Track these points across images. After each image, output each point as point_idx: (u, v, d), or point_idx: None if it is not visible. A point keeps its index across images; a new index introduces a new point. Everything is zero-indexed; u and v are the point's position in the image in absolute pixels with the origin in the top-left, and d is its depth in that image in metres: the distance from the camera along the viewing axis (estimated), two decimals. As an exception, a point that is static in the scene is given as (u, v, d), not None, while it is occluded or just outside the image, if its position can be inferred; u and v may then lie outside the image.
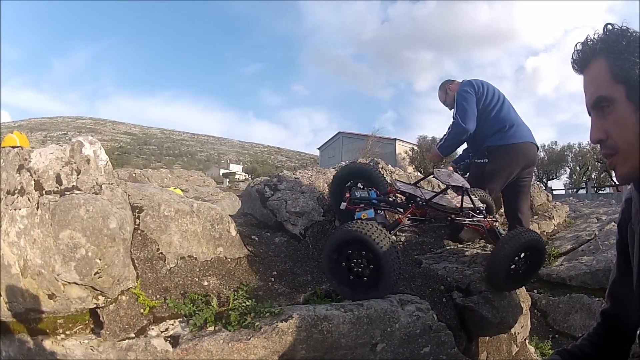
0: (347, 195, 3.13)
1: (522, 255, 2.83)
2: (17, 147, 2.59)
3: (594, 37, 1.47)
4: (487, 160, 4.81)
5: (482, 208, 3.12)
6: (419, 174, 4.74)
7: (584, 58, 1.49)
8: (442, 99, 5.60)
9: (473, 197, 3.14)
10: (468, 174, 5.51)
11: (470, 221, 3.10)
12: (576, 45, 1.50)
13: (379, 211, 3.03)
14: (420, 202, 2.97)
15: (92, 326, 2.36)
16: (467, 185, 3.10)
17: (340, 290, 2.70)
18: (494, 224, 3.13)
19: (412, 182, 3.33)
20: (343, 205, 3.05)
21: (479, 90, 5.02)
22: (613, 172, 1.57)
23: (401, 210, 3.03)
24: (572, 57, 1.52)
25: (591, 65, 1.48)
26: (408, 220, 3.01)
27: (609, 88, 1.42)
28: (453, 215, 3.04)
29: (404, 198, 3.12)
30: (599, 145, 1.52)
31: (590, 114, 1.53)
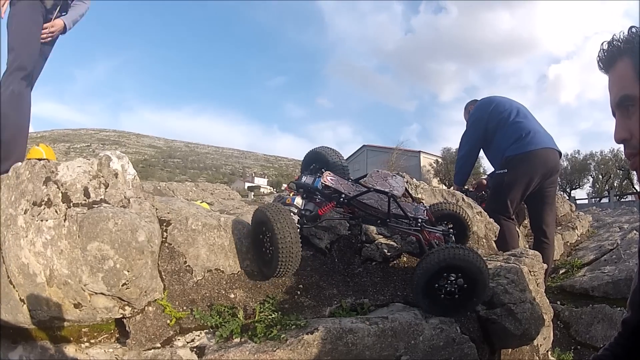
0: (296, 178, 3.16)
1: (452, 276, 2.60)
2: (44, 159, 2.62)
3: (620, 37, 1.47)
4: (506, 171, 4.84)
5: (422, 219, 3.02)
6: (444, 186, 4.76)
7: (610, 57, 1.49)
8: (466, 118, 5.76)
9: (406, 204, 3.06)
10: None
11: (402, 228, 3.03)
12: (602, 44, 1.50)
13: (314, 200, 3.00)
14: (342, 200, 2.93)
15: (117, 335, 2.40)
16: (397, 192, 2.97)
17: (258, 266, 2.80)
18: (448, 236, 3.03)
19: (353, 178, 3.24)
20: (283, 186, 3.07)
21: (489, 109, 5.16)
22: (636, 173, 1.57)
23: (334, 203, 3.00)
24: (598, 56, 1.52)
25: (617, 65, 1.48)
26: (333, 213, 3.00)
27: (634, 87, 1.42)
28: (381, 220, 2.96)
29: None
30: (622, 146, 1.52)
31: (614, 114, 1.53)
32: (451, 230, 3.11)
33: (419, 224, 3.00)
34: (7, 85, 3.49)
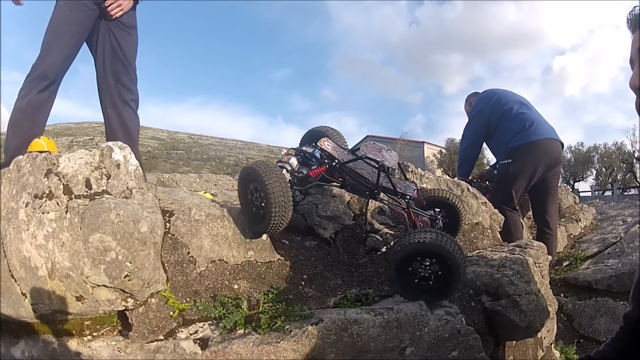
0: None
1: (427, 260, 2.52)
2: (45, 152, 2.61)
3: None
4: (510, 161, 4.89)
5: (410, 196, 2.99)
6: (448, 177, 4.75)
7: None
8: (466, 111, 5.83)
9: (397, 181, 3.06)
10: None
11: (387, 203, 3.02)
12: (635, 7, 1.54)
13: (309, 166, 3.00)
14: (334, 165, 2.94)
15: (120, 328, 2.39)
16: (389, 164, 2.92)
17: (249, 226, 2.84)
18: (435, 221, 2.98)
19: (348, 149, 3.22)
20: (283, 151, 3.07)
21: (491, 101, 5.26)
22: None
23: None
24: (628, 15, 1.56)
25: None
26: (321, 179, 2.99)
27: None
28: (369, 191, 2.96)
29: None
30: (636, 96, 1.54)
31: (632, 66, 1.55)
32: (439, 216, 3.06)
33: (406, 201, 2.96)
34: (26, 92, 3.46)
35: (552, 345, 3.48)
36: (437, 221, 2.99)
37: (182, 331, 2.32)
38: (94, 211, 2.20)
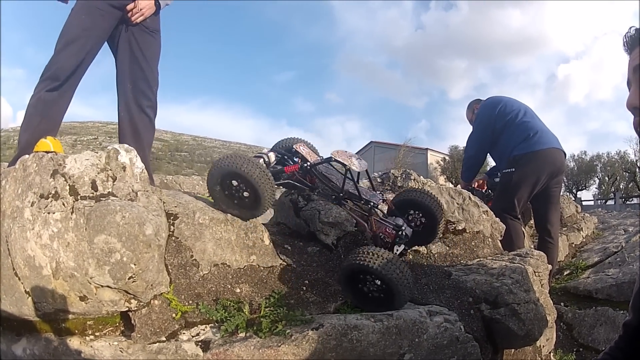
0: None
1: (372, 279, 2.58)
2: (51, 152, 2.62)
3: None
4: (514, 170, 4.88)
5: (375, 203, 2.95)
6: (451, 184, 4.76)
7: (636, 40, 1.55)
8: (469, 117, 5.83)
9: (363, 188, 3.07)
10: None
11: (351, 208, 3.01)
12: (631, 27, 1.57)
13: (284, 162, 3.11)
14: (305, 166, 2.96)
15: (122, 329, 2.40)
16: (355, 168, 2.83)
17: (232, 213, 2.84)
18: (400, 232, 2.86)
19: (322, 157, 3.15)
20: (264, 149, 3.14)
21: (496, 109, 5.21)
22: None
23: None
24: (625, 37, 1.58)
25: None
26: (294, 178, 3.03)
27: None
28: (335, 196, 2.97)
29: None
30: (633, 116, 1.55)
31: (629, 87, 1.56)
32: (404, 227, 2.89)
33: (369, 208, 2.95)
34: (38, 90, 3.50)
35: (551, 353, 3.49)
36: (400, 232, 2.86)
37: (184, 333, 2.34)
38: (99, 213, 2.22)
